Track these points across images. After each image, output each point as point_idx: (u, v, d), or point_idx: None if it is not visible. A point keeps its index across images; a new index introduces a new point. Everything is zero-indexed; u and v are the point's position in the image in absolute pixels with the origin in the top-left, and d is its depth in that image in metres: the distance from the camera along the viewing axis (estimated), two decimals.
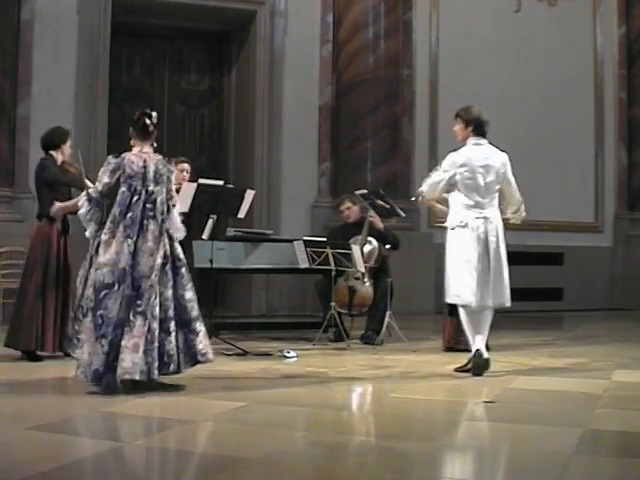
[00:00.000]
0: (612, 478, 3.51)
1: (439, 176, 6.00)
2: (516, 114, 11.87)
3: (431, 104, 11.92)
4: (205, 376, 5.65)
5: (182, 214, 7.01)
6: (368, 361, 6.69)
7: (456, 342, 6.99)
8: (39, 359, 6.25)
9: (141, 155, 5.24)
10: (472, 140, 5.95)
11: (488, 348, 6.07)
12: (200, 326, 5.22)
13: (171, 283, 5.13)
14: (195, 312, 5.22)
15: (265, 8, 11.19)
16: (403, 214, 8.02)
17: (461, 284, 5.83)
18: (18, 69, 9.85)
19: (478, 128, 5.94)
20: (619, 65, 13.11)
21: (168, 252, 5.17)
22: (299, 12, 11.25)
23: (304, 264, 7.48)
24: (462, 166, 5.87)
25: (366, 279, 7.77)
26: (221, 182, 7.18)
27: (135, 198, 5.13)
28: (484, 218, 5.84)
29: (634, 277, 12.51)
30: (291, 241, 7.73)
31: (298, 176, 11.08)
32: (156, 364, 4.98)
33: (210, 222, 7.20)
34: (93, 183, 5.64)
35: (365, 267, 7.62)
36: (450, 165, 5.93)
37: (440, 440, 4.01)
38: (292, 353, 6.70)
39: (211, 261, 7.09)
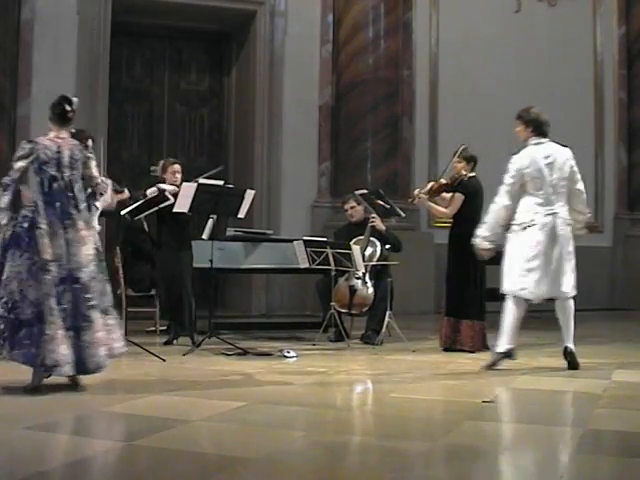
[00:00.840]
0: (612, 478, 3.51)
1: (508, 186, 6.04)
2: (516, 114, 11.83)
3: (431, 104, 11.92)
4: (205, 376, 5.66)
5: (180, 214, 7.09)
6: (368, 361, 6.69)
7: (452, 342, 7.00)
8: None
9: (56, 140, 5.14)
10: (533, 140, 6.11)
11: (488, 348, 6.07)
12: None
13: None
14: None
15: (265, 8, 11.19)
16: (403, 214, 8.03)
17: (529, 278, 5.96)
18: (18, 69, 9.85)
19: (538, 128, 6.11)
20: (619, 65, 13.11)
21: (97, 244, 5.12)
22: (299, 12, 11.25)
23: (304, 264, 7.49)
24: (528, 167, 5.99)
25: (367, 279, 7.77)
26: (221, 182, 7.18)
27: (55, 186, 5.03)
28: (553, 214, 5.99)
29: (634, 277, 12.50)
30: (291, 241, 7.74)
31: (298, 176, 11.08)
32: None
33: (210, 222, 7.19)
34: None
35: (366, 267, 7.63)
36: (517, 169, 6.03)
37: (440, 440, 4.00)
38: (292, 353, 6.70)
39: (211, 261, 7.08)
